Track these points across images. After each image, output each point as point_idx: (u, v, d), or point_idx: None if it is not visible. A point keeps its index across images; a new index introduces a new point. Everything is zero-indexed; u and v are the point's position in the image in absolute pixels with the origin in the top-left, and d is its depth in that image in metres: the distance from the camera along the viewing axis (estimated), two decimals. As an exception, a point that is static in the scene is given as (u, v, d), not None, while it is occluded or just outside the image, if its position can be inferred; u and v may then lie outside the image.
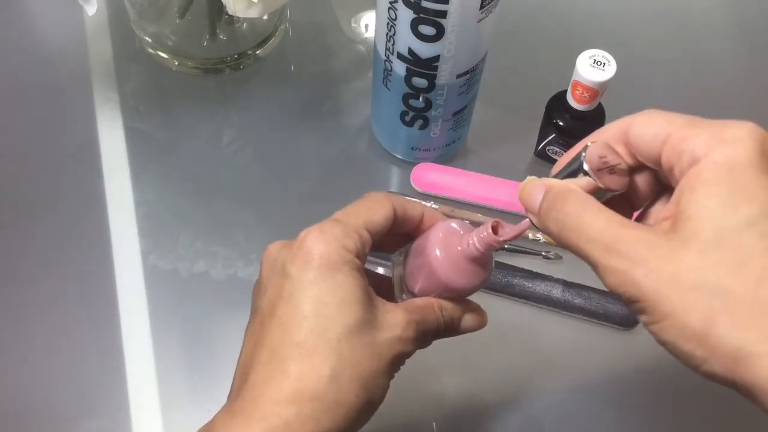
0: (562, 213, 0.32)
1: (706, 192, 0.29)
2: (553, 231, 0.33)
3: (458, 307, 0.41)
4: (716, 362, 0.28)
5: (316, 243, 0.37)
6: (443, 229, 0.39)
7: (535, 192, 0.34)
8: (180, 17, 0.65)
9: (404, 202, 0.40)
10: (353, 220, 0.38)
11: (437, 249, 0.38)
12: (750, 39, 0.74)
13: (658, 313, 0.29)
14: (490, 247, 0.37)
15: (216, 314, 0.57)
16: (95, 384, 0.54)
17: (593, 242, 0.31)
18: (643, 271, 0.29)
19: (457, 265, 0.38)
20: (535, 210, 0.34)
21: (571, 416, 0.54)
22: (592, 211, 0.32)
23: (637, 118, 0.34)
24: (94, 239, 0.59)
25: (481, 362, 0.56)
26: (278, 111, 0.66)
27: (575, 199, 0.32)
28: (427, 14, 0.48)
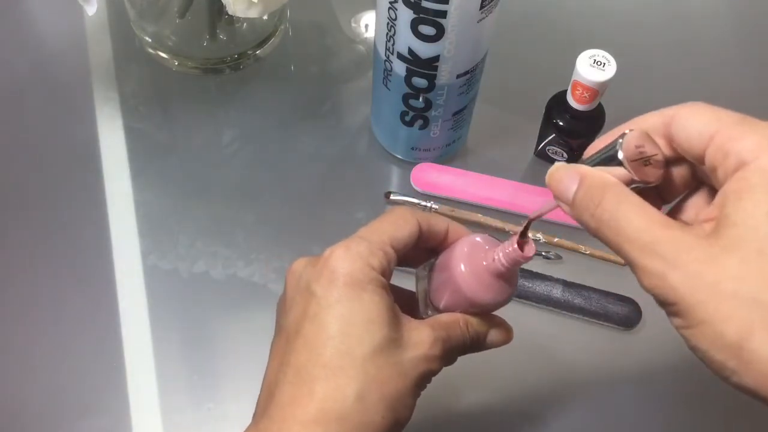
0: (600, 208, 0.31)
1: (753, 200, 0.28)
2: (590, 225, 0.32)
3: (484, 323, 0.40)
4: (748, 375, 0.28)
5: (342, 261, 0.36)
6: (468, 244, 0.39)
7: (568, 180, 0.33)
8: (180, 17, 0.65)
9: (429, 217, 0.40)
10: (378, 237, 0.38)
11: (462, 264, 0.38)
12: (750, 39, 0.74)
13: (693, 318, 0.28)
14: (516, 263, 0.37)
15: (216, 314, 0.57)
16: (95, 384, 0.54)
17: (631, 241, 0.30)
18: (682, 275, 0.28)
19: (483, 280, 0.38)
20: (568, 200, 0.33)
21: (570, 416, 0.54)
22: (631, 208, 0.30)
23: (682, 110, 0.32)
24: (94, 239, 0.59)
25: (480, 362, 0.56)
26: (278, 111, 0.66)
27: (614, 194, 0.31)
28: (427, 14, 0.48)
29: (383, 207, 0.61)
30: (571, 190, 0.33)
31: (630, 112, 0.35)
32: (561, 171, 0.34)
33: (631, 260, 0.30)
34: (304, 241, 0.60)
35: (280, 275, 0.58)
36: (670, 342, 0.36)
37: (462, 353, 0.40)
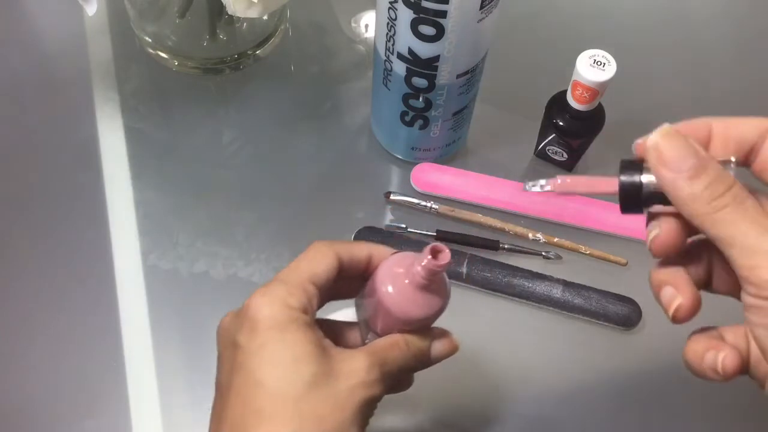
0: (735, 188, 0.30)
1: None
2: (707, 201, 0.30)
3: (425, 338, 0.40)
4: None
5: (261, 307, 0.36)
6: (389, 264, 0.39)
7: (684, 152, 0.31)
8: (180, 17, 0.65)
9: (349, 247, 0.40)
10: (296, 276, 0.38)
11: (385, 285, 0.38)
12: (750, 39, 0.75)
13: None
14: (433, 273, 0.37)
15: (216, 314, 0.57)
16: (95, 384, 0.54)
17: (760, 226, 0.29)
18: None
19: (409, 297, 0.38)
20: (679, 168, 0.31)
21: (570, 416, 0.54)
22: (754, 202, 0.30)
23: None
24: (94, 239, 0.59)
25: (480, 362, 0.56)
26: (278, 111, 0.66)
27: (740, 185, 0.31)
28: (427, 14, 0.48)
29: (383, 207, 0.61)
30: (687, 162, 0.31)
31: (630, 112, 0.35)
32: (680, 137, 0.32)
33: (752, 247, 0.29)
34: (304, 241, 0.59)
35: (280, 275, 0.58)
36: (670, 342, 0.36)
37: (410, 372, 0.40)
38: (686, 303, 0.33)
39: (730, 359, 0.33)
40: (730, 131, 0.33)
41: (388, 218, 0.61)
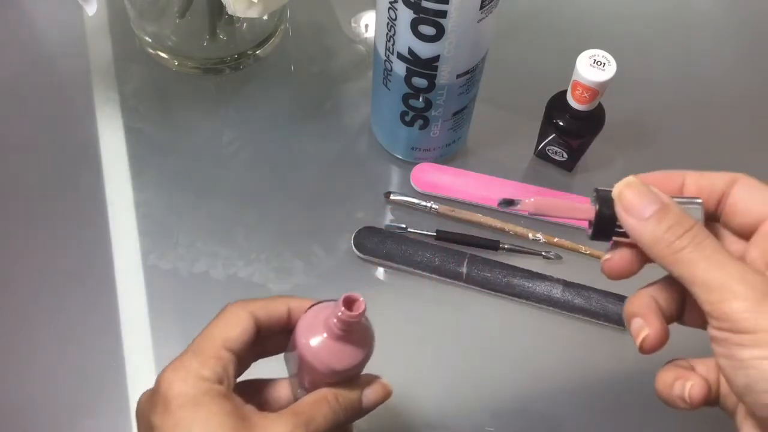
0: (694, 229, 0.32)
1: None
2: (671, 244, 0.32)
3: (354, 388, 0.39)
4: None
5: (171, 384, 0.36)
6: (307, 317, 0.38)
7: (651, 197, 0.33)
8: (180, 17, 0.65)
9: (266, 304, 0.39)
10: (209, 344, 0.37)
11: (305, 338, 0.37)
12: (750, 39, 0.75)
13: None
14: (349, 324, 0.36)
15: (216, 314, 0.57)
16: (95, 384, 0.54)
17: (723, 266, 0.31)
18: None
19: (329, 349, 0.37)
20: (640, 214, 0.33)
21: (570, 415, 0.54)
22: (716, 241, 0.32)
23: (743, 179, 0.35)
24: (94, 239, 0.59)
25: (480, 362, 0.56)
26: (278, 111, 0.66)
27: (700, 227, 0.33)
28: (427, 14, 0.48)
29: (383, 207, 0.61)
30: (651, 207, 0.33)
31: (630, 112, 0.35)
32: (640, 185, 0.34)
33: (718, 282, 0.31)
34: (304, 241, 0.60)
35: (280, 275, 0.58)
36: (670, 343, 0.36)
37: (343, 425, 0.39)
38: (653, 334, 0.35)
39: (697, 389, 0.35)
40: (701, 181, 0.35)
41: (388, 218, 0.61)
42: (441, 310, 0.58)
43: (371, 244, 0.58)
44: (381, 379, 0.41)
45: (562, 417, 0.54)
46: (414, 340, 0.56)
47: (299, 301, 0.40)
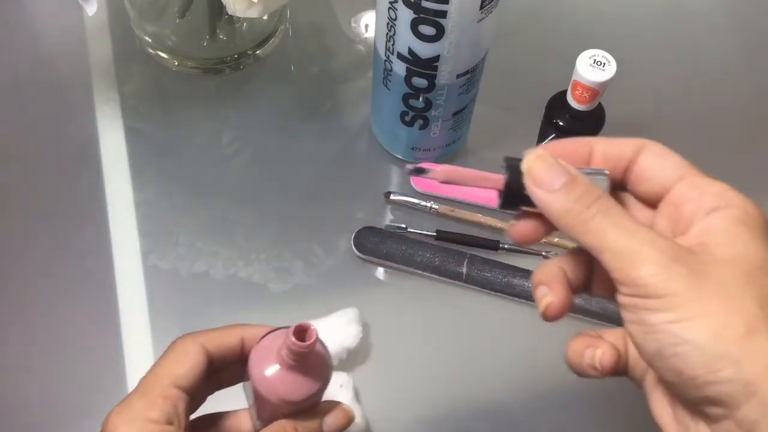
0: (602, 199, 0.33)
1: (745, 232, 0.32)
2: (580, 213, 0.32)
3: (313, 417, 0.39)
4: (750, 366, 0.28)
5: (117, 428, 0.35)
6: (260, 347, 0.37)
7: (559, 170, 0.33)
8: (180, 17, 0.65)
9: (217, 335, 0.39)
10: (156, 384, 0.37)
11: (258, 369, 0.36)
12: (750, 39, 0.74)
13: (692, 311, 0.29)
14: (300, 354, 0.35)
15: (216, 314, 0.57)
16: (95, 384, 0.54)
17: (631, 232, 0.31)
18: (687, 269, 0.30)
19: (284, 379, 0.36)
20: (550, 186, 0.33)
21: (571, 415, 0.54)
22: (624, 210, 0.33)
23: (650, 145, 0.35)
24: (94, 239, 0.59)
25: (480, 362, 0.56)
26: (278, 111, 0.66)
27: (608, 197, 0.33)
28: (427, 14, 0.48)
29: (383, 207, 0.61)
30: (561, 179, 0.33)
31: (630, 112, 0.35)
32: (549, 159, 0.34)
33: (627, 248, 0.31)
34: (304, 241, 0.60)
35: (280, 275, 0.58)
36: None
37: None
38: (555, 302, 0.35)
39: (608, 356, 0.36)
40: (609, 149, 0.35)
41: (388, 218, 0.61)
42: (441, 310, 0.58)
43: (371, 244, 0.58)
44: (342, 404, 0.40)
45: (563, 415, 0.54)
46: (414, 340, 0.56)
47: (253, 329, 0.39)
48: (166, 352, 0.38)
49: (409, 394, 0.54)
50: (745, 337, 0.29)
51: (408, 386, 0.55)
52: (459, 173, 0.37)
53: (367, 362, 0.55)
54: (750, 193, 0.34)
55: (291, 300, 0.57)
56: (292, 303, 0.57)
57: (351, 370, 0.54)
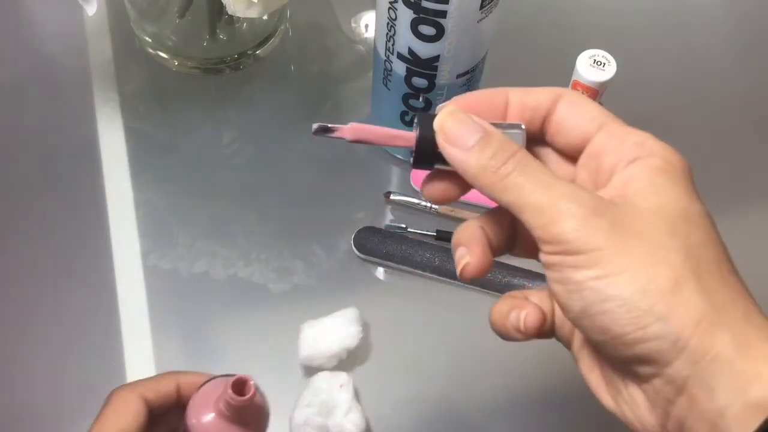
0: (518, 154, 0.32)
1: (667, 181, 0.31)
2: (497, 170, 0.31)
3: None
4: (674, 320, 0.28)
5: None
6: (198, 397, 0.38)
7: (472, 126, 0.32)
8: (180, 17, 0.65)
9: (154, 384, 0.39)
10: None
11: (195, 419, 0.37)
12: (749, 38, 0.75)
13: (617, 265, 0.28)
14: (238, 408, 0.35)
15: (216, 314, 0.57)
16: (95, 384, 0.54)
17: (549, 187, 0.30)
18: (609, 222, 0.29)
19: (219, 430, 0.36)
20: (464, 144, 0.32)
21: (572, 415, 0.54)
22: (541, 164, 0.32)
23: (568, 93, 0.34)
24: (94, 239, 0.59)
25: (481, 362, 0.56)
26: (278, 111, 0.66)
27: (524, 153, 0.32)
28: (427, 14, 0.48)
29: (383, 207, 0.61)
30: (475, 136, 0.32)
31: (630, 112, 0.35)
32: (461, 115, 0.33)
33: (545, 204, 0.30)
34: (304, 241, 0.60)
35: (280, 275, 0.58)
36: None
37: None
38: (473, 262, 0.34)
39: (532, 317, 0.34)
40: (526, 99, 0.34)
41: (388, 218, 0.61)
42: (441, 310, 0.58)
43: (371, 244, 0.58)
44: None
45: (563, 415, 0.54)
46: (414, 340, 0.56)
47: (189, 377, 0.40)
48: (107, 407, 0.39)
49: (409, 394, 0.54)
50: (672, 291, 0.28)
51: (408, 386, 0.55)
52: (368, 131, 0.36)
53: (367, 362, 0.55)
54: (750, 192, 0.33)
55: (291, 300, 0.57)
56: (292, 303, 0.57)
57: (351, 370, 0.54)
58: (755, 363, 0.27)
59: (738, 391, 0.27)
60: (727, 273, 0.29)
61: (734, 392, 0.27)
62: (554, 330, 0.36)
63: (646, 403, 0.30)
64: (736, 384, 0.27)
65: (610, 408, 0.33)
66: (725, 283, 0.29)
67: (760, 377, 0.27)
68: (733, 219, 0.62)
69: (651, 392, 0.30)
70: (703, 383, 0.28)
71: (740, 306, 0.29)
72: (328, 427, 0.50)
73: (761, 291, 0.39)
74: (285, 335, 0.54)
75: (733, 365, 0.27)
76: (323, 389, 0.50)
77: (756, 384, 0.27)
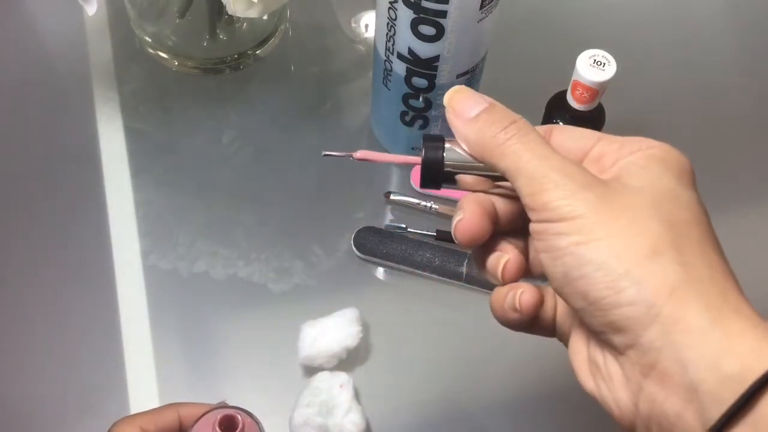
0: (518, 123, 0.33)
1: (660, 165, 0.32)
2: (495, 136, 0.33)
3: None
4: (648, 285, 0.28)
5: None
6: (196, 429, 0.39)
7: (477, 99, 0.34)
8: (180, 17, 0.65)
9: (154, 416, 0.40)
10: None
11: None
12: (750, 38, 0.75)
13: (599, 232, 0.29)
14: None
15: (216, 314, 0.57)
16: (95, 384, 0.54)
17: (543, 158, 0.31)
18: (595, 193, 0.30)
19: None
20: (468, 115, 0.34)
21: (573, 414, 0.54)
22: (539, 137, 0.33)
23: (555, 129, 0.35)
24: (94, 239, 0.59)
25: (481, 362, 0.56)
26: (278, 111, 0.66)
27: (524, 121, 0.33)
28: (427, 14, 0.48)
29: (383, 207, 0.61)
30: (479, 107, 0.34)
31: (630, 112, 0.35)
32: (467, 90, 0.35)
33: (537, 172, 0.31)
34: (304, 241, 0.60)
35: (280, 275, 0.58)
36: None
37: None
38: (465, 218, 0.35)
39: (527, 294, 0.35)
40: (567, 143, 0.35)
41: (388, 218, 0.61)
42: (441, 310, 0.58)
43: (371, 244, 0.58)
44: None
45: (564, 416, 0.54)
46: (414, 340, 0.56)
47: (189, 408, 0.41)
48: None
49: (409, 394, 0.54)
50: (648, 258, 0.28)
51: (408, 386, 0.55)
52: (375, 156, 0.39)
53: (367, 362, 0.55)
54: (750, 193, 0.33)
55: (291, 300, 0.57)
56: (292, 303, 0.57)
57: (351, 370, 0.54)
58: (729, 337, 0.27)
59: (711, 364, 0.27)
60: (710, 251, 0.30)
61: (707, 367, 0.27)
62: (555, 329, 0.37)
63: (622, 379, 0.30)
64: (710, 357, 0.27)
65: (589, 389, 0.33)
66: (706, 259, 0.29)
67: (734, 351, 0.27)
68: (733, 219, 0.62)
69: (627, 366, 0.30)
70: (676, 356, 0.28)
71: (718, 283, 0.29)
72: (328, 427, 0.50)
73: (761, 291, 0.39)
74: (285, 335, 0.54)
75: (706, 337, 0.27)
76: (323, 389, 0.50)
77: (730, 358, 0.27)
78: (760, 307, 0.29)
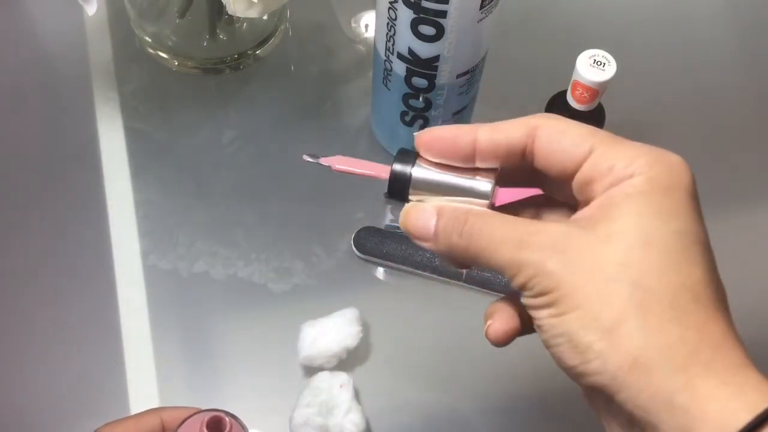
0: (467, 225, 0.32)
1: (640, 201, 0.30)
2: (459, 245, 0.32)
3: None
4: (613, 358, 0.28)
5: None
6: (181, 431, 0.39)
7: (426, 216, 0.34)
8: (180, 17, 0.65)
9: (136, 421, 0.40)
10: None
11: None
12: (750, 38, 0.75)
13: (568, 304, 0.29)
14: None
15: (216, 314, 0.57)
16: (95, 384, 0.54)
17: (506, 241, 0.31)
18: (561, 260, 0.30)
19: None
20: (428, 234, 0.34)
21: (573, 414, 0.54)
22: (499, 217, 0.32)
23: (545, 122, 0.33)
24: (94, 239, 0.59)
25: (481, 362, 0.56)
26: (278, 111, 0.66)
27: (477, 212, 0.33)
28: (427, 14, 0.48)
29: (383, 207, 0.61)
30: (431, 224, 0.33)
31: (630, 112, 0.35)
32: (415, 209, 0.34)
33: (506, 261, 0.31)
34: (304, 241, 0.60)
35: (280, 275, 0.58)
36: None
37: None
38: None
39: (494, 327, 0.36)
40: (495, 137, 0.33)
41: (388, 218, 0.61)
42: (441, 310, 0.58)
43: (371, 244, 0.58)
44: None
45: (563, 417, 0.54)
46: (414, 340, 0.56)
47: (172, 412, 0.40)
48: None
49: (409, 394, 0.54)
50: (610, 331, 0.28)
51: (408, 386, 0.55)
52: (350, 163, 0.39)
53: (367, 362, 0.55)
54: (750, 193, 0.33)
55: (291, 300, 0.57)
56: (292, 303, 0.57)
57: (351, 370, 0.54)
58: (698, 401, 0.27)
59: (683, 430, 0.27)
60: (685, 303, 0.28)
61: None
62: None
63: (619, 430, 0.31)
64: (680, 423, 0.27)
65: None
66: (677, 317, 0.28)
67: (705, 416, 0.27)
68: (733, 219, 0.62)
69: (615, 424, 0.31)
70: (649, 421, 0.28)
71: (690, 341, 0.28)
72: (328, 427, 0.50)
73: (761, 290, 0.39)
74: (285, 335, 0.54)
75: (674, 402, 0.27)
76: (323, 389, 0.50)
77: (700, 423, 0.27)
78: (760, 307, 0.29)
